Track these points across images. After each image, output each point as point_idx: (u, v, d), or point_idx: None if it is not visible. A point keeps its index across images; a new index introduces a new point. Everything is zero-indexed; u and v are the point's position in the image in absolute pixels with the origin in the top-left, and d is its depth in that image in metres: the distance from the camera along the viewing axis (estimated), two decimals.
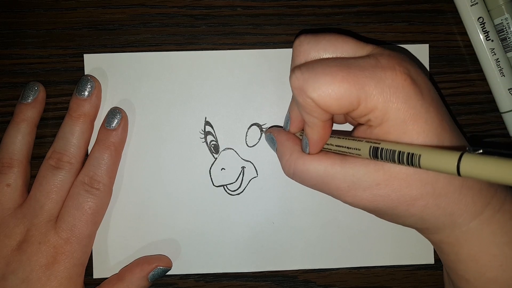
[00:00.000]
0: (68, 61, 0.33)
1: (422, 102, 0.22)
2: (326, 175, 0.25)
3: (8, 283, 0.28)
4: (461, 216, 0.23)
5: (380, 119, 0.22)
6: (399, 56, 0.23)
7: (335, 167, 0.24)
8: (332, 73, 0.22)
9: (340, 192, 0.25)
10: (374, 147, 0.22)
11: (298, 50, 0.25)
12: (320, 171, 0.25)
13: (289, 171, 0.27)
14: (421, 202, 0.23)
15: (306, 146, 0.26)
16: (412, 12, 0.33)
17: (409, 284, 0.34)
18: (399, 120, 0.22)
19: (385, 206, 0.24)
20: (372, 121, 0.23)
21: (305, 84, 0.22)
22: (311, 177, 0.25)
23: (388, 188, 0.23)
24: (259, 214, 0.33)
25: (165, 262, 0.31)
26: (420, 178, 0.23)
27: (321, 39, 0.24)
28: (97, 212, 0.30)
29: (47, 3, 0.33)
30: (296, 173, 0.26)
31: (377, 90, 0.22)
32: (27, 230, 0.29)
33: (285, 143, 0.28)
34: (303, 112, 0.24)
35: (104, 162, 0.30)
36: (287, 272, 0.33)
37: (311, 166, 0.25)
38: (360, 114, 0.23)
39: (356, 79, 0.22)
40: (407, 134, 0.22)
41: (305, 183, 0.26)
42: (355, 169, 0.24)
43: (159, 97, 0.32)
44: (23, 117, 0.30)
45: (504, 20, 0.31)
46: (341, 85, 0.21)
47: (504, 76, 0.32)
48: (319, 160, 0.25)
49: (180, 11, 0.33)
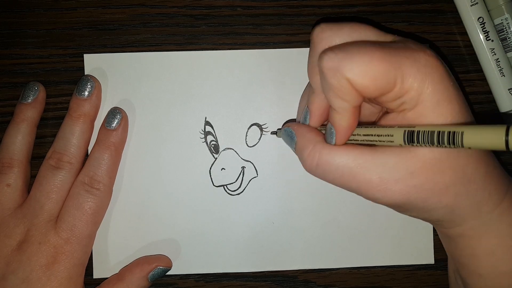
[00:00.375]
0: (68, 61, 0.33)
1: (453, 84, 0.22)
2: (355, 166, 0.23)
3: (8, 283, 0.28)
4: (486, 204, 0.23)
5: (415, 101, 0.22)
6: (422, 44, 0.23)
7: (365, 156, 0.23)
8: (369, 52, 0.21)
9: (370, 186, 0.23)
10: (410, 130, 0.21)
11: (320, 37, 0.24)
12: (348, 161, 0.23)
13: (312, 163, 0.24)
14: (454, 190, 0.22)
15: (332, 135, 0.24)
16: (412, 12, 0.33)
17: (409, 284, 0.34)
18: (434, 101, 0.21)
19: (417, 198, 0.23)
20: (407, 103, 0.22)
21: (341, 64, 0.21)
22: (337, 168, 0.23)
23: (422, 176, 0.22)
24: (259, 214, 0.33)
25: (165, 262, 0.31)
26: (451, 164, 0.22)
27: (344, 26, 0.24)
28: (97, 212, 0.30)
29: (47, 3, 0.33)
30: (321, 164, 0.24)
31: (413, 70, 0.21)
32: (27, 230, 0.29)
33: (307, 135, 0.26)
34: (334, 96, 0.22)
35: (104, 162, 0.30)
36: (287, 272, 0.33)
37: (337, 156, 0.23)
38: (395, 96, 0.22)
39: (393, 59, 0.21)
40: (442, 116, 0.22)
41: (329, 176, 0.24)
42: (386, 158, 0.22)
43: (159, 97, 0.32)
44: (23, 117, 0.30)
45: (504, 20, 0.31)
46: (379, 64, 0.21)
47: (504, 76, 0.32)
48: (347, 150, 0.23)
49: (180, 11, 0.33)
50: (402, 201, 0.23)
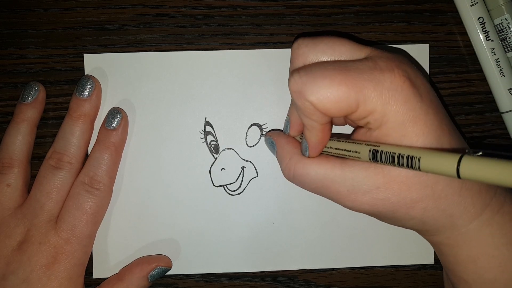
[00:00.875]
0: (68, 61, 0.33)
1: (421, 104, 0.22)
2: (325, 179, 0.25)
3: (8, 283, 0.28)
4: (460, 218, 0.23)
5: (379, 122, 0.22)
6: (397, 58, 0.23)
7: (335, 170, 0.24)
8: (331, 76, 0.22)
9: (340, 196, 0.25)
10: (374, 149, 0.22)
11: (296, 53, 0.25)
12: (319, 174, 0.25)
13: (289, 174, 0.27)
14: (421, 205, 0.23)
15: (306, 149, 0.26)
16: (412, 12, 0.33)
17: (409, 284, 0.34)
18: (398, 122, 0.22)
19: (385, 210, 0.24)
20: (371, 123, 0.23)
21: (304, 88, 0.22)
22: (311, 181, 0.25)
23: (388, 191, 0.23)
24: (259, 214, 0.33)
25: (165, 262, 0.32)
26: (419, 180, 0.23)
27: (319, 42, 0.24)
28: (98, 212, 0.30)
29: (47, 3, 0.33)
30: (296, 176, 0.26)
31: (375, 93, 0.22)
32: (27, 230, 0.29)
33: (285, 146, 0.28)
34: (302, 115, 0.24)
35: (105, 162, 0.30)
36: (287, 272, 0.33)
37: (310, 170, 0.25)
38: (359, 117, 0.23)
39: (355, 82, 0.22)
40: (406, 137, 0.22)
41: (305, 187, 0.26)
42: (354, 173, 0.24)
43: (159, 97, 0.32)
44: (23, 117, 0.30)
45: (504, 20, 0.31)
46: (340, 88, 0.21)
47: (504, 76, 0.32)
48: (319, 163, 0.25)
49: (180, 11, 0.33)
50: (372, 211, 0.24)
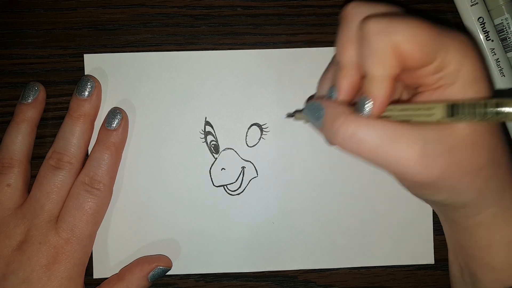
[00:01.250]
0: (68, 61, 0.33)
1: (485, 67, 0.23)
2: (396, 136, 0.21)
3: (8, 283, 0.28)
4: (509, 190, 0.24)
5: (454, 76, 0.22)
6: None
7: (405, 128, 0.22)
8: (416, 20, 0.21)
9: (410, 159, 0.21)
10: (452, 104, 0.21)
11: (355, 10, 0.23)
12: (388, 131, 0.22)
13: (346, 133, 0.22)
14: (486, 171, 0.23)
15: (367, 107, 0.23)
16: (412, 12, 0.33)
17: (409, 284, 0.34)
18: (472, 78, 0.22)
19: (453, 176, 0.22)
20: (445, 78, 0.22)
21: (389, 26, 0.21)
22: (376, 139, 0.22)
23: (460, 154, 0.22)
24: (259, 214, 0.33)
25: (165, 262, 0.32)
26: (487, 144, 0.22)
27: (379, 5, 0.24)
28: (98, 212, 0.30)
29: (47, 3, 0.33)
30: (356, 134, 0.22)
31: (455, 46, 0.21)
32: (27, 230, 0.29)
33: (337, 107, 0.24)
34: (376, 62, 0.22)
35: (105, 163, 0.30)
36: (287, 272, 0.33)
37: (376, 126, 0.22)
38: (435, 70, 0.22)
39: (438, 31, 0.21)
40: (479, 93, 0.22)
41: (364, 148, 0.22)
42: (427, 132, 0.21)
43: (159, 97, 0.32)
44: (23, 117, 0.30)
45: (504, 20, 0.31)
46: (427, 31, 0.21)
47: (504, 76, 0.32)
48: (385, 122, 0.22)
49: (180, 11, 0.33)
50: (438, 178, 0.22)
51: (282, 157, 0.33)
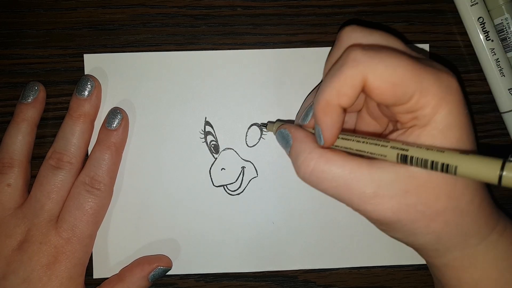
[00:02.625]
0: (68, 61, 0.33)
1: (467, 112, 0.22)
2: (350, 178, 0.22)
3: (8, 283, 0.28)
4: (473, 237, 0.23)
5: (427, 119, 0.21)
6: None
7: (362, 169, 0.22)
8: (398, 57, 0.21)
9: (363, 199, 0.22)
10: (403, 155, 0.21)
11: (349, 35, 0.24)
12: (345, 171, 0.22)
13: (306, 170, 0.23)
14: (443, 218, 0.22)
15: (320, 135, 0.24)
16: (412, 12, 0.33)
17: (409, 284, 0.34)
18: (445, 123, 0.21)
19: (407, 218, 0.22)
20: (418, 120, 0.22)
21: (368, 60, 0.21)
22: (332, 178, 0.23)
23: (416, 197, 0.22)
24: (259, 214, 0.33)
25: (165, 262, 0.32)
26: (448, 190, 0.22)
27: (374, 32, 0.23)
28: (98, 212, 0.30)
29: (47, 3, 0.33)
30: (315, 172, 0.23)
31: (434, 88, 0.21)
32: (27, 230, 0.29)
33: (304, 139, 0.25)
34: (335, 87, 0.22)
35: (105, 163, 0.30)
36: (287, 272, 0.33)
37: (334, 166, 0.23)
38: (409, 109, 0.21)
39: (419, 71, 0.21)
40: (449, 140, 0.21)
41: (322, 185, 0.23)
42: (383, 174, 0.22)
43: (159, 97, 0.32)
44: (24, 117, 0.30)
45: (504, 20, 0.31)
46: (404, 72, 0.21)
47: (504, 76, 0.32)
48: (344, 160, 0.23)
49: (180, 11, 0.33)
50: (392, 219, 0.22)
51: (282, 157, 0.33)
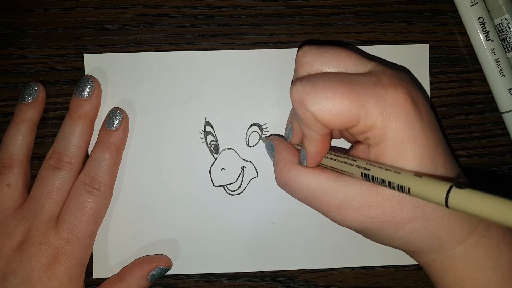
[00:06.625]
0: (68, 61, 0.33)
1: (421, 125, 0.22)
2: (317, 190, 0.24)
3: (8, 283, 0.28)
4: (447, 241, 0.24)
5: (378, 138, 0.22)
6: (400, 76, 0.23)
7: (329, 182, 0.24)
8: (333, 88, 0.22)
9: (330, 209, 0.24)
10: (366, 173, 0.22)
11: (301, 61, 0.25)
12: (312, 184, 0.25)
13: (281, 180, 0.27)
14: (410, 225, 0.23)
15: (304, 159, 0.26)
16: (412, 12, 0.33)
17: (409, 284, 0.34)
18: (397, 140, 0.22)
19: (374, 228, 0.24)
20: (371, 139, 0.23)
21: (305, 98, 0.22)
22: (302, 189, 0.25)
23: (379, 210, 0.23)
24: (259, 214, 0.33)
25: (165, 262, 0.32)
26: (411, 201, 0.23)
27: (324, 52, 0.24)
28: (98, 213, 0.30)
29: (47, 3, 0.33)
30: (288, 183, 0.26)
31: (377, 109, 0.22)
32: (27, 230, 0.29)
33: (283, 152, 0.28)
34: (302, 125, 0.24)
35: (105, 163, 0.30)
36: (287, 272, 0.33)
37: (303, 178, 0.25)
38: (359, 131, 0.23)
39: (357, 96, 0.21)
40: (403, 156, 0.22)
41: (295, 195, 0.26)
42: (348, 188, 0.24)
43: (159, 97, 0.32)
44: (23, 117, 0.30)
45: (504, 20, 0.31)
46: (342, 101, 0.21)
47: (504, 76, 0.32)
48: (313, 173, 0.25)
49: (180, 11, 0.33)
50: (360, 228, 0.24)
51: None
